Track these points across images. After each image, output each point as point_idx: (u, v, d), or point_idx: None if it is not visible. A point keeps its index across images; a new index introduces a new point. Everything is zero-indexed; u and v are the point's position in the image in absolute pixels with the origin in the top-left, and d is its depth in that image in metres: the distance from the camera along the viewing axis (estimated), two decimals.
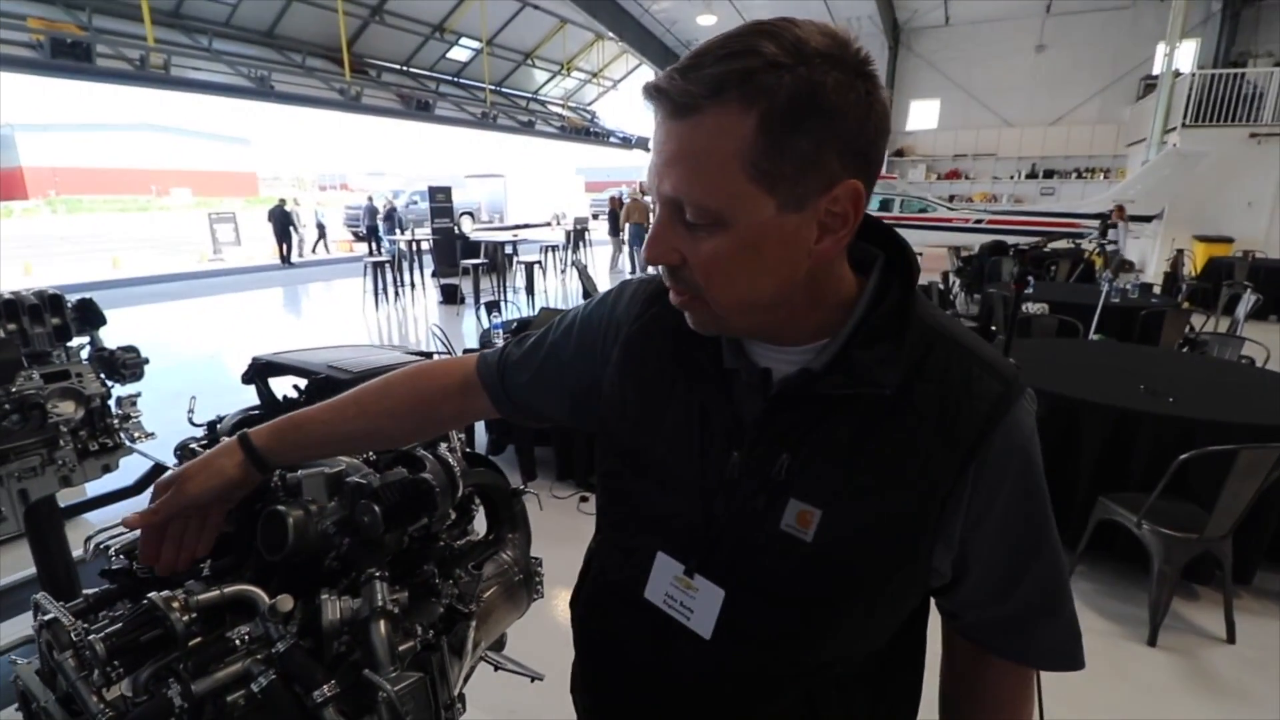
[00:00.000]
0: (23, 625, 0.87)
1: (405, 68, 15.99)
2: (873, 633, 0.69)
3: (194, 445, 1.01)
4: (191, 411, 1.15)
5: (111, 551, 0.89)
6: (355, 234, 18.55)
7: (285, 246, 14.95)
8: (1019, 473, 0.62)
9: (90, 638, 0.69)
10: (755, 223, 0.54)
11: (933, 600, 0.73)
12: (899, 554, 0.63)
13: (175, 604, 0.72)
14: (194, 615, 0.73)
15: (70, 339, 2.10)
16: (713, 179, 0.53)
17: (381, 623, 0.75)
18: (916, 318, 0.63)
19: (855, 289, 0.65)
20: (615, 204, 14.54)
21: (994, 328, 5.62)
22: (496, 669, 1.41)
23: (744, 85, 0.51)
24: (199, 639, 0.74)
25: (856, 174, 0.55)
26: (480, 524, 1.25)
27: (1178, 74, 11.32)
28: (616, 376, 0.76)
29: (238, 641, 0.72)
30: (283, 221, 14.83)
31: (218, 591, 0.74)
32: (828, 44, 0.52)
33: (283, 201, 15.12)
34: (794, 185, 0.53)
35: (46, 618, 0.76)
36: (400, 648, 0.77)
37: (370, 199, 17.41)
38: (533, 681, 1.22)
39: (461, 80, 17.54)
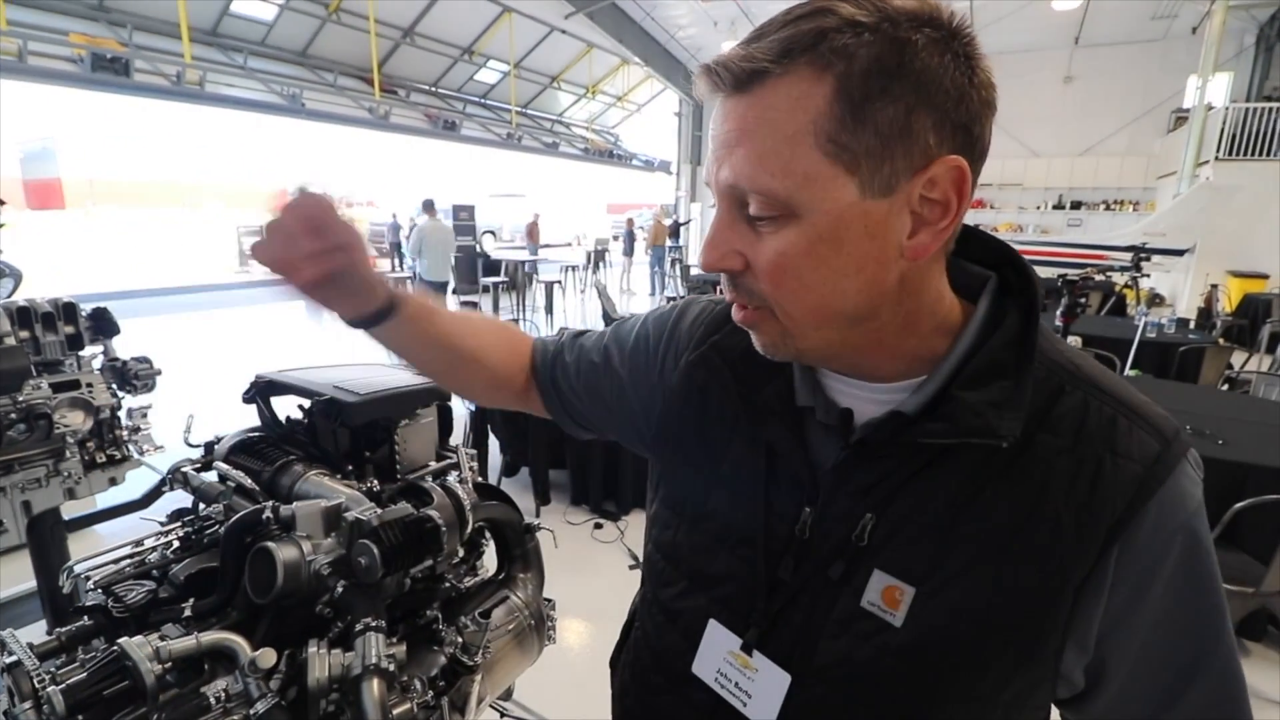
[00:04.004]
0: None
1: (434, 88, 16.27)
2: None
3: (186, 468, 0.95)
4: (189, 430, 1.09)
5: (90, 584, 0.83)
6: (379, 250, 18.82)
7: None
8: (1182, 558, 0.48)
9: (50, 689, 0.62)
10: (833, 210, 0.45)
11: (1055, 711, 0.58)
12: (1016, 654, 0.50)
13: (147, 652, 0.65)
14: (168, 665, 0.66)
15: (83, 348, 2.07)
16: (780, 158, 0.44)
17: (375, 682, 0.67)
18: (1041, 353, 0.51)
19: (959, 315, 0.54)
20: (631, 225, 14.81)
21: None
22: (502, 716, 1.32)
23: (816, 47, 0.43)
24: (173, 691, 0.67)
25: (958, 150, 0.45)
26: (490, 558, 1.17)
27: (1210, 107, 11.13)
28: (673, 407, 0.67)
29: (213, 699, 0.64)
30: None
31: (194, 640, 0.66)
32: (916, 6, 0.44)
33: None
34: (879, 163, 0.44)
35: (10, 660, 0.69)
36: (395, 710, 0.69)
37: (394, 216, 17.65)
38: None
39: (488, 101, 17.81)
